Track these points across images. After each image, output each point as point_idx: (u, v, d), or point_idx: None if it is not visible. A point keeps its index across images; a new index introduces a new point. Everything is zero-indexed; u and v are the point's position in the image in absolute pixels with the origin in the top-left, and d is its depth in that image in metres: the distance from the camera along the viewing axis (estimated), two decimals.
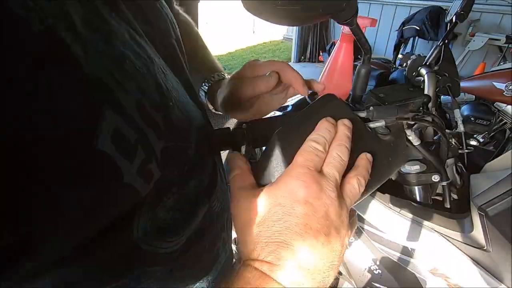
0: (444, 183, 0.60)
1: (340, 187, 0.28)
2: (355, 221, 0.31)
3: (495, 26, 3.13)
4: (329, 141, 0.29)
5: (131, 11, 0.26)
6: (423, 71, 0.80)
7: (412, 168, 0.64)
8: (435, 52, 0.84)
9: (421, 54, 0.90)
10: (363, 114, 0.36)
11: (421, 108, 0.67)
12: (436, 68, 0.83)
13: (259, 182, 0.30)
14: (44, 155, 0.16)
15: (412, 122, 0.43)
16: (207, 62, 0.52)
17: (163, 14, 0.33)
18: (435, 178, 0.62)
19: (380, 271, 0.69)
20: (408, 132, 0.50)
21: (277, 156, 0.29)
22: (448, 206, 0.61)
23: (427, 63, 0.83)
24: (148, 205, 0.25)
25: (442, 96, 0.90)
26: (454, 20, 0.89)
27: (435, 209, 0.64)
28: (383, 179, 0.35)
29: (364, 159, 0.31)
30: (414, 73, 0.85)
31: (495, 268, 0.53)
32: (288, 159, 0.28)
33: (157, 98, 0.25)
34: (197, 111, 0.35)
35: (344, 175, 0.28)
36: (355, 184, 0.28)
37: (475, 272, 0.55)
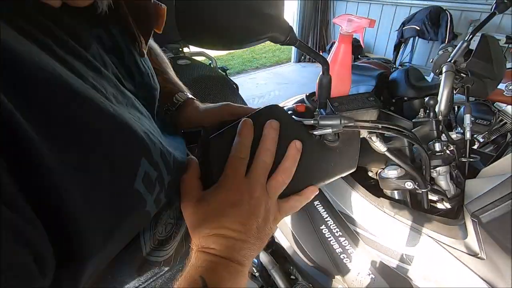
0: (420, 191, 0.59)
1: (267, 182, 0.35)
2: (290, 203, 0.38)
3: (495, 26, 3.10)
4: (249, 144, 0.35)
5: (120, 71, 0.32)
6: (443, 68, 0.74)
7: (389, 173, 0.63)
8: (462, 47, 0.77)
9: (449, 49, 0.83)
10: (310, 122, 0.39)
11: (429, 111, 0.66)
12: (463, 65, 0.77)
13: (204, 183, 0.36)
14: (97, 197, 0.22)
15: (368, 131, 0.46)
16: (168, 85, 0.56)
17: (146, 69, 0.38)
18: (409, 185, 0.61)
19: (373, 276, 0.68)
20: (373, 138, 0.49)
21: (213, 162, 0.35)
22: (426, 207, 0.61)
23: (452, 60, 0.76)
24: (152, 224, 0.33)
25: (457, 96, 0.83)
26: (492, 9, 0.83)
27: (429, 214, 0.63)
28: (322, 182, 0.39)
29: (292, 150, 0.36)
30: (437, 70, 0.79)
31: (489, 275, 0.52)
32: (222, 165, 0.34)
33: (165, 145, 0.31)
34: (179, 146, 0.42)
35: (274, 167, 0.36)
36: (279, 179, 0.35)
37: (469, 279, 0.54)
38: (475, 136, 1.98)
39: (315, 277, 0.83)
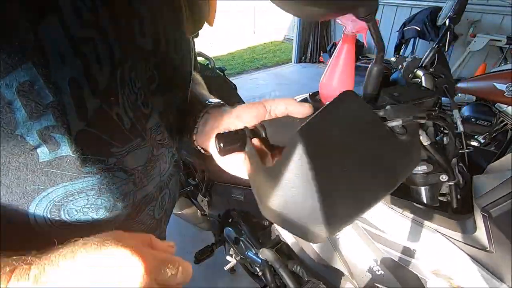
0: (451, 183, 0.60)
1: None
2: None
3: (496, 27, 3.12)
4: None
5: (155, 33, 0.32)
6: (419, 73, 0.81)
7: (419, 169, 0.64)
8: (431, 54, 0.86)
9: (416, 56, 0.92)
10: (380, 113, 0.36)
11: (436, 107, 0.67)
12: (431, 70, 0.84)
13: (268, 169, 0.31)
14: None
15: (423, 122, 0.42)
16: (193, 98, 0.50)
17: (190, 46, 0.38)
18: (443, 178, 0.61)
19: (382, 272, 0.69)
20: (420, 131, 0.49)
21: (299, 154, 0.28)
22: (455, 206, 0.61)
23: (423, 65, 0.84)
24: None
25: (442, 98, 0.94)
26: (447, 23, 0.90)
27: (437, 209, 0.64)
28: (401, 180, 0.32)
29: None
30: (410, 75, 0.86)
31: (497, 269, 0.53)
32: (311, 158, 0.28)
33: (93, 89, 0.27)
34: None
35: None
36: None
37: (477, 272, 0.55)
38: (476, 137, 1.99)
39: (323, 275, 0.84)
